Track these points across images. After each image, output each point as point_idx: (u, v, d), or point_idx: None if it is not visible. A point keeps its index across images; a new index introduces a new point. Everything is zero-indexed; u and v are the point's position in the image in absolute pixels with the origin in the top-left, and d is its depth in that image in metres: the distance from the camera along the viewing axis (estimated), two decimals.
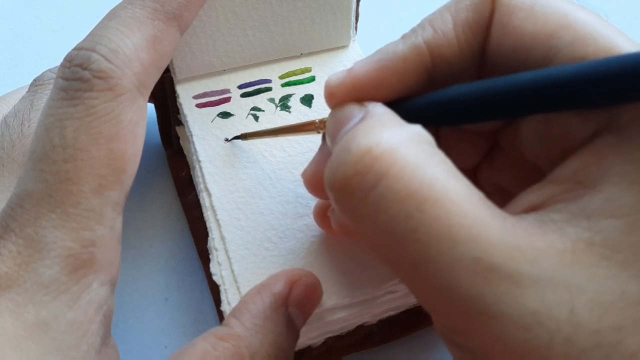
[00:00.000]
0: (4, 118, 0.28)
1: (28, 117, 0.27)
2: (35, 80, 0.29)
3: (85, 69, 0.20)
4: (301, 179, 0.27)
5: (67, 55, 0.21)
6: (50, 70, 0.29)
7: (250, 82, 0.29)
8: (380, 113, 0.19)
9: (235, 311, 0.23)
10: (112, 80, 0.20)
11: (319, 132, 0.24)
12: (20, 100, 0.28)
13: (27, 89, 0.29)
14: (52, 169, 0.19)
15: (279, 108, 0.28)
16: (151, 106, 0.33)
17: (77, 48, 0.21)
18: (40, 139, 0.20)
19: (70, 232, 0.19)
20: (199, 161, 0.27)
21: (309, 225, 0.27)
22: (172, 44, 0.23)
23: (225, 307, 0.25)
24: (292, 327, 0.23)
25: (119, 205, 0.21)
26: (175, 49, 0.23)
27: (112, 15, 0.22)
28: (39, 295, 0.19)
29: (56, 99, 0.20)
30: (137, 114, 0.21)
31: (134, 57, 0.21)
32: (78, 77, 0.20)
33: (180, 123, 0.31)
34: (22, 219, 0.19)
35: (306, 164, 0.27)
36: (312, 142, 0.28)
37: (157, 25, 0.22)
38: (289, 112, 0.28)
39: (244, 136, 0.27)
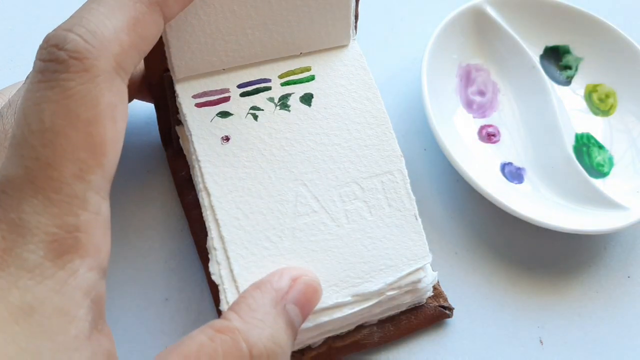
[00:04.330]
0: None
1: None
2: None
3: (61, 49, 0.20)
4: (301, 179, 0.27)
5: (46, 36, 0.20)
6: None
7: (250, 82, 0.29)
8: None
9: (234, 305, 0.23)
10: (87, 61, 0.20)
11: None
12: (16, 92, 0.28)
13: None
14: (31, 154, 0.19)
15: (278, 107, 0.28)
16: (151, 106, 0.33)
17: (55, 29, 0.20)
18: (20, 124, 0.20)
19: (53, 218, 0.19)
20: (198, 161, 0.27)
21: (309, 225, 0.27)
22: (154, 29, 0.22)
23: (224, 307, 0.25)
24: (290, 324, 0.23)
25: (103, 190, 0.20)
26: (158, 35, 0.23)
27: None
28: (23, 280, 0.19)
29: (34, 81, 0.20)
30: (115, 96, 0.21)
31: (112, 38, 0.20)
32: (54, 58, 0.20)
33: (180, 123, 0.31)
34: (5, 205, 0.19)
35: (306, 163, 0.27)
36: (312, 142, 0.28)
37: (139, 8, 0.22)
38: (289, 111, 0.28)
39: None
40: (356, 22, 0.30)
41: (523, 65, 0.40)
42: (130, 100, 0.31)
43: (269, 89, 0.29)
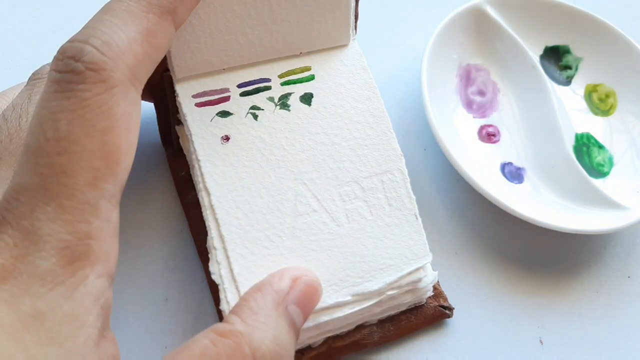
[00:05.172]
0: (3, 112, 0.28)
1: (26, 111, 0.27)
2: (33, 74, 0.29)
3: (77, 61, 0.20)
4: (300, 178, 0.27)
5: (61, 47, 0.21)
6: (48, 64, 0.29)
7: (250, 81, 0.29)
8: None
9: (236, 308, 0.23)
10: (104, 73, 0.20)
11: None
12: (19, 94, 0.28)
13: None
14: (46, 162, 0.19)
15: (278, 107, 0.28)
16: (151, 106, 0.33)
17: (71, 40, 0.21)
18: (35, 132, 0.20)
19: (66, 225, 0.19)
20: (198, 160, 0.27)
21: (309, 224, 0.27)
22: (166, 38, 0.23)
23: (224, 306, 0.25)
24: (292, 325, 0.23)
25: (114, 198, 0.21)
26: (170, 44, 0.23)
27: (106, 8, 0.22)
28: (35, 286, 0.19)
29: (49, 91, 0.20)
30: (130, 106, 0.21)
31: (127, 49, 0.21)
32: (71, 70, 0.20)
33: (180, 122, 0.31)
34: (18, 212, 0.19)
35: (306, 162, 0.27)
36: (312, 141, 0.28)
37: (152, 19, 0.22)
38: (289, 110, 0.28)
39: None
40: (356, 21, 0.30)
41: (523, 65, 0.40)
42: None
43: (268, 88, 0.29)
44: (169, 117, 0.32)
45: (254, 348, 0.21)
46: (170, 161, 0.34)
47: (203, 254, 0.31)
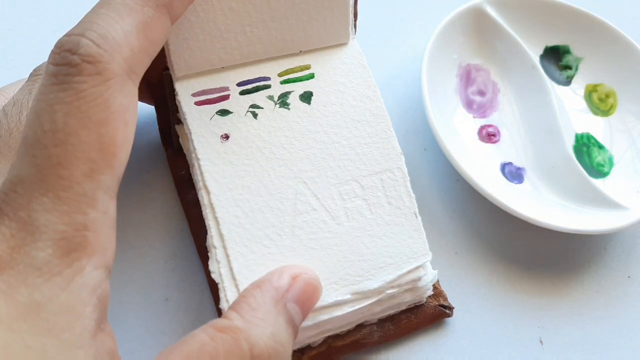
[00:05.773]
0: (3, 107, 0.28)
1: (27, 106, 0.27)
2: (34, 70, 0.29)
3: (74, 53, 0.20)
4: (300, 177, 0.27)
5: (58, 41, 0.21)
6: None
7: (249, 80, 0.29)
8: None
9: (235, 304, 0.23)
10: (100, 65, 0.20)
11: None
12: (20, 89, 0.29)
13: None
14: (43, 153, 0.19)
15: (278, 105, 0.28)
16: (151, 106, 0.33)
17: (67, 34, 0.21)
18: (32, 125, 0.20)
19: (63, 216, 0.19)
20: (197, 159, 0.27)
21: (308, 223, 0.27)
22: (162, 32, 0.23)
23: (224, 305, 0.25)
24: (291, 323, 0.23)
25: (111, 190, 0.21)
26: (166, 37, 0.24)
27: (103, 2, 0.22)
28: (31, 277, 0.19)
29: (47, 84, 0.20)
30: (127, 99, 0.21)
31: (123, 42, 0.21)
32: (67, 62, 0.20)
33: (179, 121, 0.31)
34: (15, 203, 0.19)
35: (305, 161, 0.27)
36: (312, 140, 0.28)
37: (147, 12, 0.22)
38: (288, 109, 0.28)
39: None
40: (355, 20, 0.31)
41: (523, 65, 0.40)
42: None
43: (268, 87, 0.29)
44: (169, 117, 0.32)
45: (251, 344, 0.21)
46: (170, 161, 0.34)
47: (203, 254, 0.31)
